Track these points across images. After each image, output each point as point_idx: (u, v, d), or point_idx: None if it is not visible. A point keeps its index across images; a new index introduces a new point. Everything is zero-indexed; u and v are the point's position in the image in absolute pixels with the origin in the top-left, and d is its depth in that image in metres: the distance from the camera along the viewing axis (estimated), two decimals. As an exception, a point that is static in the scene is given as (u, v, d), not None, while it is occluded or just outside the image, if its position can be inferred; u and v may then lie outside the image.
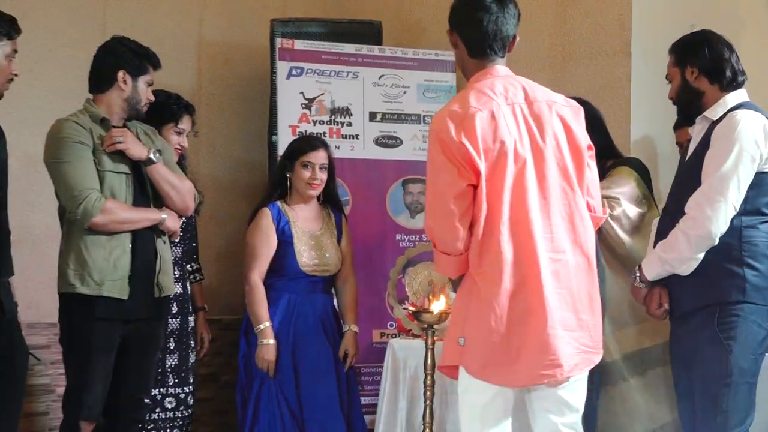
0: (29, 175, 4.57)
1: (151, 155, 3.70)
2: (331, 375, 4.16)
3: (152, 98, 3.86)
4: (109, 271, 3.58)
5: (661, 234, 3.46)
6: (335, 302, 4.38)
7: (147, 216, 3.68)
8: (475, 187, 2.84)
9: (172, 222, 3.76)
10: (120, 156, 3.67)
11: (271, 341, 4.06)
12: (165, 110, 4.24)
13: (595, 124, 3.77)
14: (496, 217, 2.84)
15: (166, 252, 3.81)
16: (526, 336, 2.83)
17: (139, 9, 5.50)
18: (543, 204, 2.87)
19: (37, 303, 4.41)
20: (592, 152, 3.06)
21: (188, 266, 4.45)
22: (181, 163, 4.22)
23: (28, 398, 4.90)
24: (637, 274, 3.52)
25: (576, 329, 2.88)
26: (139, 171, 3.75)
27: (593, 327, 2.94)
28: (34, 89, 5.12)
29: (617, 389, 3.82)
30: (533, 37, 5.34)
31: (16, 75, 3.36)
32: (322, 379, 4.15)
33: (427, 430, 3.79)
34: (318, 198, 4.33)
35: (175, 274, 4.10)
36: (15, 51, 3.33)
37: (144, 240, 3.69)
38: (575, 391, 2.96)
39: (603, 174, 3.74)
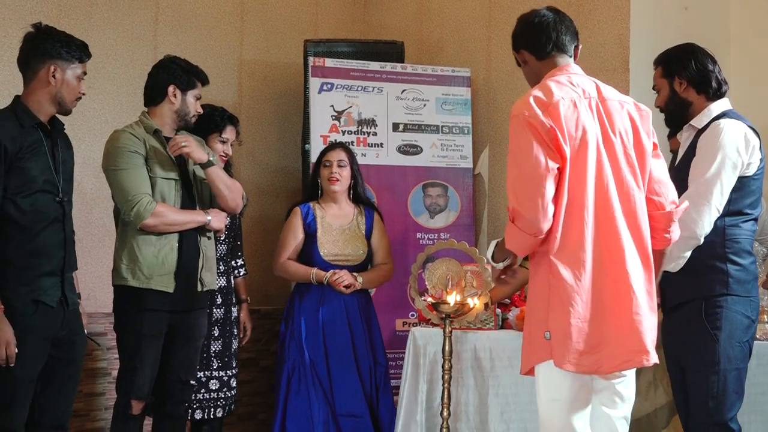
0: (89, 180, 4.58)
1: (211, 158, 3.73)
2: (351, 364, 4.19)
3: (200, 111, 3.86)
4: (157, 266, 3.62)
5: None
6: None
7: (193, 218, 3.70)
8: (560, 171, 2.73)
9: (218, 222, 3.76)
10: (170, 164, 3.71)
11: (324, 273, 4.16)
12: (210, 121, 4.25)
13: None
14: (579, 201, 2.73)
15: (209, 250, 3.82)
16: (613, 322, 2.73)
17: (185, 31, 5.49)
18: (619, 195, 2.80)
19: (95, 294, 4.40)
20: (657, 150, 2.98)
21: (233, 262, 4.44)
22: (228, 170, 4.24)
23: (89, 380, 4.92)
24: None
25: (650, 318, 2.80)
26: (186, 177, 3.79)
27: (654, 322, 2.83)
28: (94, 103, 5.10)
29: None
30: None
31: (83, 94, 3.37)
32: (346, 367, 4.19)
33: (445, 410, 3.81)
34: (349, 197, 4.38)
35: (219, 269, 4.14)
36: (84, 73, 3.33)
37: (189, 239, 3.71)
38: (629, 385, 2.91)
39: None
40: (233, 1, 5.77)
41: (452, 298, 3.81)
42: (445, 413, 3.83)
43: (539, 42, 2.98)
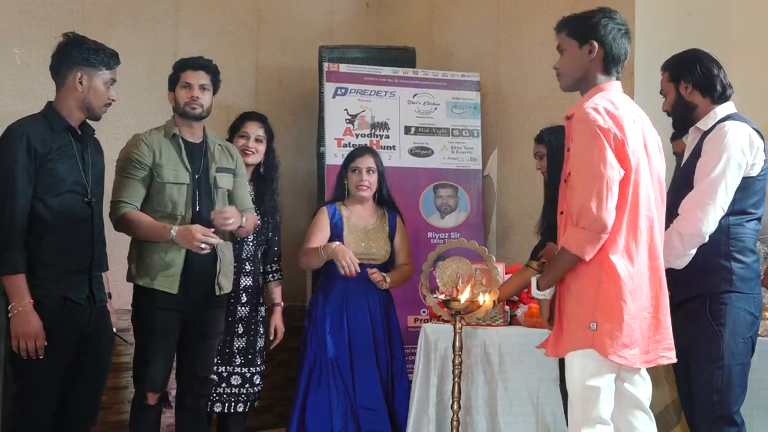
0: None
1: (242, 224, 3.73)
2: (372, 359, 4.16)
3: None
4: (162, 268, 3.60)
5: None
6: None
7: (156, 231, 3.55)
8: (623, 179, 2.83)
9: (182, 238, 3.51)
10: (182, 169, 3.68)
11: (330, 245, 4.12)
12: (232, 124, 4.31)
13: None
14: (635, 210, 2.84)
15: (227, 255, 3.79)
16: (652, 322, 2.87)
17: (204, 38, 5.53)
18: (656, 209, 2.94)
19: (118, 292, 4.44)
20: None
21: (268, 267, 4.37)
22: (271, 173, 4.28)
23: (112, 374, 4.91)
24: None
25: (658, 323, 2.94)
26: (203, 180, 3.74)
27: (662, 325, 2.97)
28: (117, 109, 5.10)
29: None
30: (545, 52, 5.31)
31: (113, 100, 3.37)
32: (367, 361, 4.16)
33: (455, 403, 3.79)
34: (374, 199, 4.34)
35: (245, 269, 4.13)
36: (113, 80, 3.34)
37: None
38: (646, 371, 3.01)
39: None
40: (250, 8, 5.86)
41: (462, 296, 3.79)
42: (455, 406, 3.80)
43: (615, 57, 3.00)
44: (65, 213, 3.20)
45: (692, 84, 3.42)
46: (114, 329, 3.55)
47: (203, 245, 3.48)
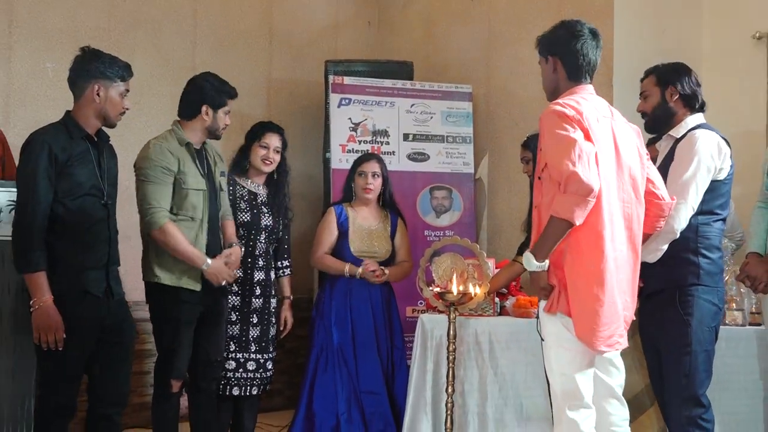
0: (133, 186, 4.63)
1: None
2: (373, 347, 4.17)
3: (228, 123, 3.77)
4: (187, 268, 3.60)
5: None
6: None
7: (193, 259, 3.57)
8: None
9: (213, 274, 3.62)
10: (199, 176, 3.67)
11: (356, 268, 4.16)
12: (252, 131, 4.21)
13: None
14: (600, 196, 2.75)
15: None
16: (611, 306, 2.79)
17: (220, 53, 5.55)
18: (617, 204, 2.85)
19: (135, 286, 4.48)
20: (649, 156, 3.08)
21: (279, 262, 4.32)
22: (281, 177, 4.24)
23: (136, 360, 4.85)
24: None
25: (628, 309, 2.91)
26: (210, 184, 3.74)
27: (631, 311, 2.94)
28: (140, 118, 5.14)
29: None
30: (531, 66, 5.37)
31: (127, 109, 3.34)
32: (369, 349, 4.17)
33: (450, 387, 3.79)
34: (379, 202, 4.35)
35: (258, 264, 4.12)
36: (127, 90, 3.31)
37: (216, 248, 3.72)
38: (617, 356, 3.00)
39: None
40: (263, 26, 5.82)
41: (456, 288, 3.78)
42: (449, 390, 3.81)
43: (575, 64, 2.96)
44: (84, 214, 3.18)
45: (679, 93, 3.42)
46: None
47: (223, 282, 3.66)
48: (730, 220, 3.87)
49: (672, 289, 3.31)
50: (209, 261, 3.59)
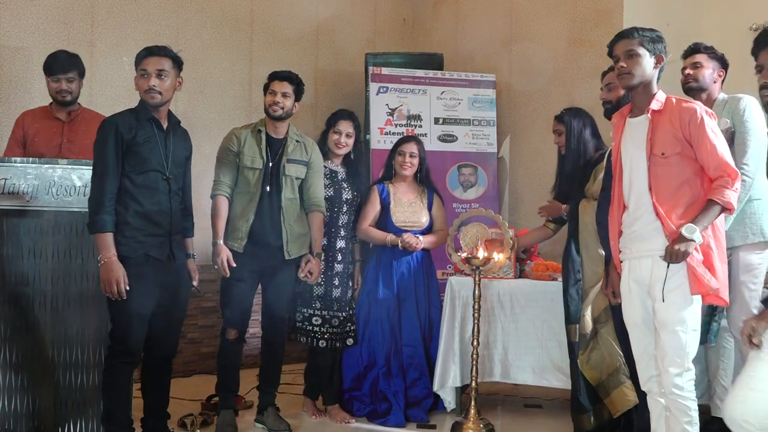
0: (206, 167, 4.58)
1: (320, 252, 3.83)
2: (413, 306, 4.13)
3: (277, 101, 3.72)
4: (230, 232, 3.66)
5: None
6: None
7: (214, 230, 3.66)
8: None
9: (216, 253, 3.63)
10: (258, 157, 3.70)
11: (399, 237, 4.09)
12: (328, 120, 4.17)
13: (593, 126, 3.74)
14: None
15: (295, 229, 3.75)
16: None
17: (274, 47, 5.55)
18: None
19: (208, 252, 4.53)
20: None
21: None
22: (357, 158, 4.19)
23: (203, 315, 5.02)
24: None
25: None
26: (275, 167, 3.73)
27: None
28: (204, 106, 5.20)
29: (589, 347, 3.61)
30: (550, 60, 5.33)
31: (153, 87, 3.16)
32: (410, 308, 4.14)
33: (475, 340, 3.80)
34: (416, 179, 4.30)
35: (341, 234, 4.07)
36: (144, 71, 3.17)
37: (271, 219, 3.70)
38: None
39: (595, 165, 3.61)
40: (310, 23, 5.81)
41: (481, 254, 3.79)
42: (475, 343, 3.82)
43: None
44: (148, 188, 3.16)
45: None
46: (195, 283, 3.42)
47: (216, 266, 3.63)
48: None
49: None
50: (220, 242, 3.64)
